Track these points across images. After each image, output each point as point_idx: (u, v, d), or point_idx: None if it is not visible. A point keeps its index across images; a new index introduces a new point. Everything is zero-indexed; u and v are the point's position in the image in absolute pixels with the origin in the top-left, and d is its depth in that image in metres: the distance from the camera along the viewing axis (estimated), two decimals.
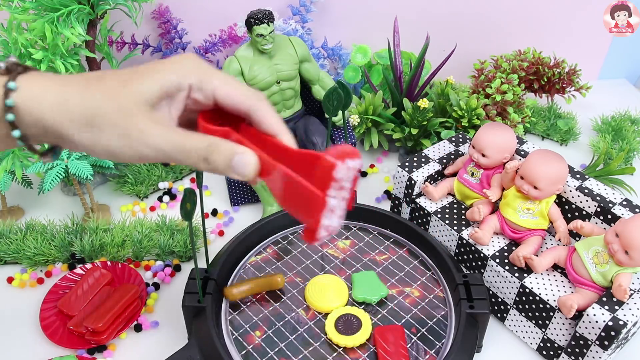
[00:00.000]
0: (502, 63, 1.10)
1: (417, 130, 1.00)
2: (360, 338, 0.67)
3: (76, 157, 0.82)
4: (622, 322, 0.62)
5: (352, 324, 0.68)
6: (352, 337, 0.66)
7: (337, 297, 0.71)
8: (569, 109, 1.19)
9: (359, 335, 0.67)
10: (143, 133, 0.39)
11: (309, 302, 0.71)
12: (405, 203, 0.85)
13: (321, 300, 0.71)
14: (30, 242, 0.85)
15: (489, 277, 0.75)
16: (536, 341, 0.73)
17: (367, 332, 0.67)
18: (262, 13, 0.84)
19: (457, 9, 1.16)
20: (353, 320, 0.68)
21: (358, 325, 0.68)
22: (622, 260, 0.65)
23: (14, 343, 0.75)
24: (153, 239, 0.87)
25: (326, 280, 0.73)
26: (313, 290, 0.72)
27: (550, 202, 0.75)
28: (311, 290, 0.72)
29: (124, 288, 0.78)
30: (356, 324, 0.68)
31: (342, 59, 1.15)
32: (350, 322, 0.68)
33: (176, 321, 0.77)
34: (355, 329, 0.67)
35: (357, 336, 0.67)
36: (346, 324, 0.68)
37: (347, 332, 0.67)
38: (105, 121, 0.38)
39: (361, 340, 0.66)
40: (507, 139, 0.79)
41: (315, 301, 0.71)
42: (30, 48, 0.81)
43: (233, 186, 0.94)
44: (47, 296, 0.80)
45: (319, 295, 0.71)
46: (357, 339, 0.66)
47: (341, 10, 1.14)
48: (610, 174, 0.97)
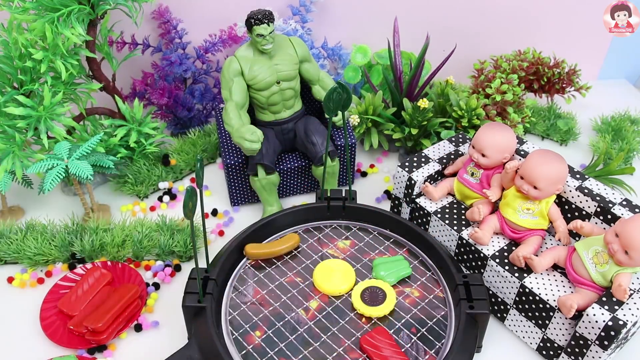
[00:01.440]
0: (502, 63, 1.10)
1: (417, 130, 1.00)
2: (386, 309, 0.70)
3: (76, 157, 0.82)
4: (621, 322, 0.62)
5: (378, 296, 0.71)
6: (378, 307, 0.70)
7: (343, 281, 0.74)
8: (569, 109, 1.19)
9: (384, 306, 0.70)
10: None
11: (317, 284, 0.74)
12: (405, 203, 0.85)
13: (328, 282, 0.73)
14: (31, 242, 0.85)
15: (489, 277, 0.75)
16: (536, 341, 0.73)
17: (392, 303, 0.71)
18: (262, 13, 0.84)
19: (457, 9, 1.16)
20: (378, 292, 0.72)
21: (383, 296, 0.71)
22: (621, 260, 0.65)
23: (14, 343, 0.76)
24: (153, 239, 0.87)
25: (334, 264, 0.76)
26: (321, 272, 0.75)
27: (550, 202, 0.75)
28: (319, 273, 0.75)
29: (124, 288, 0.78)
30: (381, 295, 0.71)
31: (342, 59, 1.15)
32: (376, 293, 0.72)
33: (176, 321, 0.77)
34: (381, 300, 0.71)
35: (383, 307, 0.70)
36: (372, 295, 0.71)
37: (373, 304, 0.70)
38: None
39: (386, 310, 0.70)
40: (507, 139, 0.79)
41: (322, 283, 0.73)
42: (31, 48, 0.81)
43: (233, 186, 0.94)
44: (48, 296, 0.80)
45: (327, 278, 0.74)
46: (383, 310, 0.70)
47: (341, 10, 1.14)
48: (610, 174, 0.97)
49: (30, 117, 0.82)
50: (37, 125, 0.83)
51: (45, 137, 0.83)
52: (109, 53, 0.95)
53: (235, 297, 0.73)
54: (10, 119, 0.82)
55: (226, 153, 0.92)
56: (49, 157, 0.82)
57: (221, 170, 1.06)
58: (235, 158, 0.91)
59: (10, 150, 0.83)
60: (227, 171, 0.92)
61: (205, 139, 1.07)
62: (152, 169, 1.01)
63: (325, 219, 0.83)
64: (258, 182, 0.89)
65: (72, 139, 0.91)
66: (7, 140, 0.82)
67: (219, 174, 1.05)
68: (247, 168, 0.91)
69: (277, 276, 0.76)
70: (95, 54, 0.91)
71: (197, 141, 1.06)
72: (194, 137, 1.07)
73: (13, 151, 0.83)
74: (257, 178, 0.89)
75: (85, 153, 0.83)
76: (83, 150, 0.83)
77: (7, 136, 0.82)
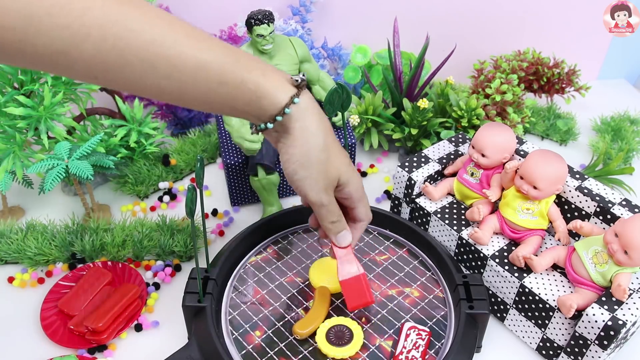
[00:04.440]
0: (501, 63, 1.10)
1: (417, 131, 1.00)
2: (352, 349, 0.66)
3: (77, 158, 0.83)
4: (621, 322, 0.62)
5: (344, 335, 0.67)
6: (344, 348, 0.66)
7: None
8: (569, 109, 1.19)
9: (350, 346, 0.66)
10: (326, 189, 0.60)
11: (313, 281, 0.73)
12: (405, 203, 0.85)
13: (323, 280, 0.72)
14: (31, 242, 0.85)
15: (489, 277, 0.75)
16: (536, 341, 0.73)
17: (359, 343, 0.66)
18: (262, 13, 0.84)
19: (457, 9, 1.16)
20: (345, 331, 0.67)
21: (350, 336, 0.67)
22: (621, 260, 0.65)
23: (14, 343, 0.76)
24: (153, 239, 0.87)
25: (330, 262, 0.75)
26: (317, 270, 0.74)
27: (549, 202, 0.75)
28: (315, 270, 0.74)
29: (124, 288, 0.78)
30: (348, 335, 0.67)
31: (342, 59, 1.15)
32: (342, 333, 0.67)
33: (176, 321, 0.77)
34: (347, 340, 0.66)
35: (349, 347, 0.66)
36: (337, 335, 0.67)
37: (339, 344, 0.66)
38: (314, 167, 0.58)
39: (353, 352, 0.66)
40: (507, 139, 0.79)
41: (319, 281, 0.72)
42: None
43: (233, 186, 0.94)
44: (48, 296, 0.80)
45: (323, 275, 0.73)
46: (349, 351, 0.65)
47: (341, 10, 1.14)
48: (609, 174, 0.97)
49: (31, 117, 0.82)
50: (37, 126, 0.83)
51: (45, 137, 0.83)
52: None
53: (235, 297, 0.73)
54: (11, 119, 0.82)
55: (226, 153, 0.92)
56: (50, 157, 0.82)
57: (221, 170, 1.06)
58: (235, 158, 0.92)
59: (11, 150, 0.83)
60: (227, 171, 0.92)
61: (205, 139, 1.07)
62: (152, 169, 1.01)
63: None
64: (258, 182, 0.89)
65: (73, 139, 0.91)
66: (8, 140, 0.83)
67: (219, 174, 1.05)
68: (247, 168, 0.91)
69: (277, 276, 0.76)
70: None
71: (197, 141, 1.06)
72: (194, 137, 1.07)
73: (13, 151, 0.83)
74: (257, 178, 0.89)
75: (86, 153, 0.83)
76: (83, 150, 0.83)
77: (8, 136, 0.83)
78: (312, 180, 0.58)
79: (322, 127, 0.58)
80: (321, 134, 0.57)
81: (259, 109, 0.54)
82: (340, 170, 0.60)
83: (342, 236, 0.64)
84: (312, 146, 0.57)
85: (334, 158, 0.59)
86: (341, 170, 0.60)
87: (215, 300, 0.69)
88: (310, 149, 0.57)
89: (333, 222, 0.62)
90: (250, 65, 0.53)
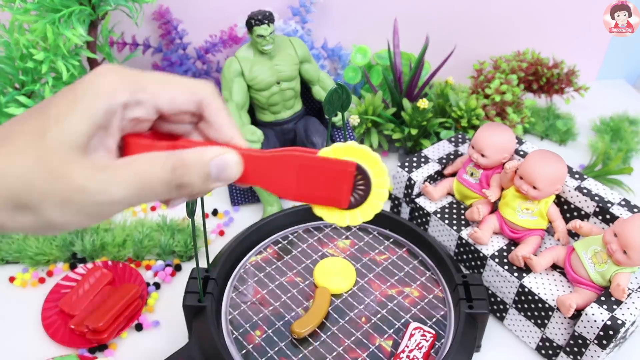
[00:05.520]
0: (501, 64, 1.10)
1: (417, 131, 1.00)
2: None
3: None
4: (620, 322, 0.62)
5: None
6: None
7: (344, 279, 0.74)
8: (568, 109, 1.19)
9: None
10: (86, 191, 0.30)
11: (318, 282, 0.74)
12: (405, 203, 0.85)
13: (328, 281, 0.73)
14: (32, 242, 0.85)
15: (488, 277, 0.76)
16: (535, 340, 0.74)
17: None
18: (263, 14, 0.84)
19: (457, 9, 1.16)
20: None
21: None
22: (620, 260, 0.65)
23: (15, 342, 0.76)
24: (154, 239, 0.87)
25: (333, 263, 0.76)
26: (321, 271, 0.75)
27: (549, 202, 0.75)
28: (319, 271, 0.75)
29: (124, 288, 0.79)
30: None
31: (342, 60, 1.15)
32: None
33: (176, 320, 0.77)
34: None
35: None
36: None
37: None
38: (36, 196, 0.30)
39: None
40: (506, 139, 0.80)
41: (323, 282, 0.73)
42: (32, 49, 0.81)
43: (233, 186, 0.95)
44: (49, 296, 0.80)
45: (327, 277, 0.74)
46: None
47: (341, 10, 1.14)
48: (608, 174, 0.97)
49: None
50: None
51: None
52: (109, 54, 0.96)
53: (235, 297, 0.73)
54: None
55: None
56: None
57: None
58: None
59: None
60: None
61: None
62: None
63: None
64: None
65: None
66: None
67: None
68: None
69: (277, 276, 0.76)
70: (96, 55, 0.91)
71: None
72: None
73: None
74: None
75: None
76: None
77: None
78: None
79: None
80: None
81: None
82: (89, 112, 0.31)
83: (218, 165, 0.33)
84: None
85: (52, 127, 0.31)
86: (93, 108, 0.31)
87: (215, 300, 0.70)
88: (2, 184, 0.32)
89: (173, 168, 0.32)
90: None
